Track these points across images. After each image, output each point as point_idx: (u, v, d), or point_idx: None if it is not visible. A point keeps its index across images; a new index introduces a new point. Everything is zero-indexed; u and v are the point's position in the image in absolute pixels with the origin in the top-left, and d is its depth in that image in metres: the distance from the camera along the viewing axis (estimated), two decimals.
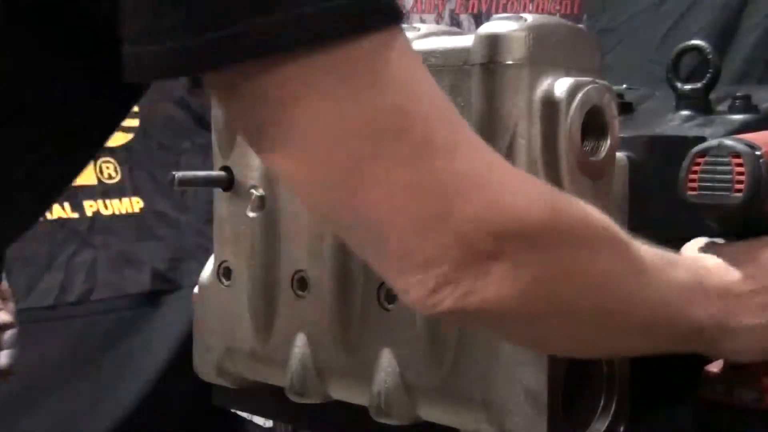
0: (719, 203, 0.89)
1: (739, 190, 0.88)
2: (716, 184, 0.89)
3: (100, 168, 2.37)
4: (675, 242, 1.11)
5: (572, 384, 0.92)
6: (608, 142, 0.94)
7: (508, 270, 0.68)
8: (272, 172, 0.96)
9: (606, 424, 0.96)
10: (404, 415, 1.00)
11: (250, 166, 1.11)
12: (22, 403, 2.16)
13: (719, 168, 0.89)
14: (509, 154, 0.90)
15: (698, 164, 0.91)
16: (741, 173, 0.87)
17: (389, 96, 0.65)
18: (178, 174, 1.10)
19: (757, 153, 0.87)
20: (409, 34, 0.97)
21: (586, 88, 0.91)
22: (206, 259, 1.18)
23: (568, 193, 0.89)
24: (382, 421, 1.01)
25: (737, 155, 0.88)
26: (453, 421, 0.97)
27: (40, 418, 2.18)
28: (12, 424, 2.22)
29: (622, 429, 0.97)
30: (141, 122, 2.41)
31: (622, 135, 0.99)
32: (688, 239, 1.12)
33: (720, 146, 0.90)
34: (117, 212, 2.33)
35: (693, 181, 0.91)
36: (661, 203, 1.09)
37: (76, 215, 2.27)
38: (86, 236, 2.27)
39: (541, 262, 0.70)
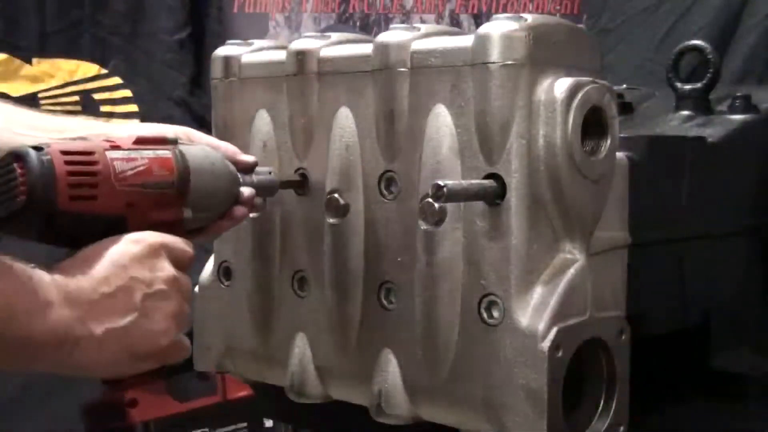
0: (6, 212, 0.83)
1: (22, 193, 0.82)
2: (5, 193, 0.83)
3: None
4: (675, 242, 1.11)
5: (572, 384, 0.92)
6: (608, 142, 0.94)
7: None
8: None
9: (606, 424, 0.96)
10: (404, 415, 1.00)
11: None
12: (22, 403, 2.17)
13: (7, 176, 0.83)
14: (509, 154, 0.90)
15: None
16: (23, 176, 0.82)
17: None
18: None
19: (41, 152, 0.82)
20: (409, 34, 0.98)
21: (586, 88, 0.91)
22: (206, 259, 1.18)
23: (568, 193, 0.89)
24: (382, 421, 1.01)
25: (19, 158, 0.83)
26: (453, 421, 0.97)
27: (40, 417, 2.18)
28: (12, 424, 2.22)
29: (622, 429, 0.97)
30: (141, 122, 2.41)
31: (622, 135, 0.99)
32: (689, 239, 1.13)
33: (8, 154, 0.84)
34: None
35: None
36: (661, 203, 1.09)
37: None
38: None
39: None
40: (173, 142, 0.93)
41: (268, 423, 2.25)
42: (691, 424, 1.15)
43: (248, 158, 1.02)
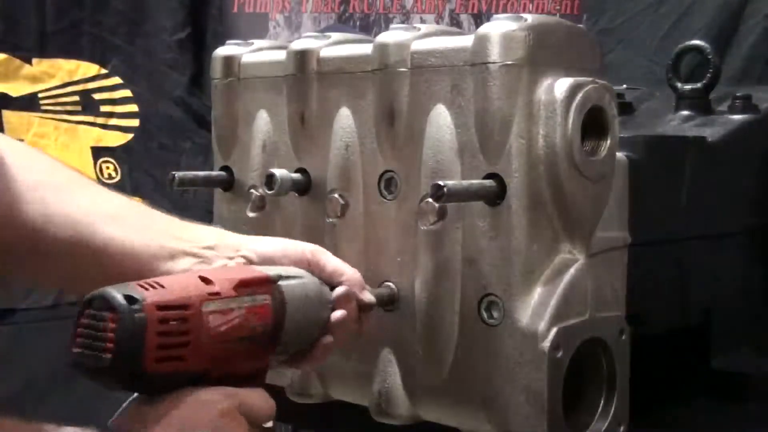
0: (93, 366, 0.75)
1: (109, 350, 0.74)
2: (93, 342, 0.75)
3: (100, 168, 2.37)
4: (675, 242, 1.11)
5: (572, 384, 0.92)
6: (608, 142, 0.94)
7: None
8: None
9: (606, 424, 0.96)
10: (404, 415, 1.00)
11: (250, 167, 1.11)
12: (22, 403, 2.17)
13: (97, 324, 0.75)
14: (509, 154, 0.90)
15: (84, 315, 0.76)
16: (113, 331, 0.74)
17: None
18: (178, 174, 1.11)
19: (135, 307, 0.75)
20: (409, 34, 0.98)
21: (586, 88, 0.91)
22: None
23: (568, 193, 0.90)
24: (382, 421, 1.01)
25: (111, 308, 0.74)
26: (453, 421, 0.97)
27: (40, 417, 2.17)
28: None
29: (622, 429, 0.97)
30: (141, 122, 2.41)
31: (622, 135, 0.99)
32: (689, 239, 1.13)
33: (101, 298, 0.75)
34: None
35: (79, 336, 0.76)
36: (661, 203, 1.09)
37: None
38: None
39: None
40: (275, 280, 0.85)
41: (268, 423, 2.25)
42: (691, 424, 1.15)
43: (368, 298, 0.95)
